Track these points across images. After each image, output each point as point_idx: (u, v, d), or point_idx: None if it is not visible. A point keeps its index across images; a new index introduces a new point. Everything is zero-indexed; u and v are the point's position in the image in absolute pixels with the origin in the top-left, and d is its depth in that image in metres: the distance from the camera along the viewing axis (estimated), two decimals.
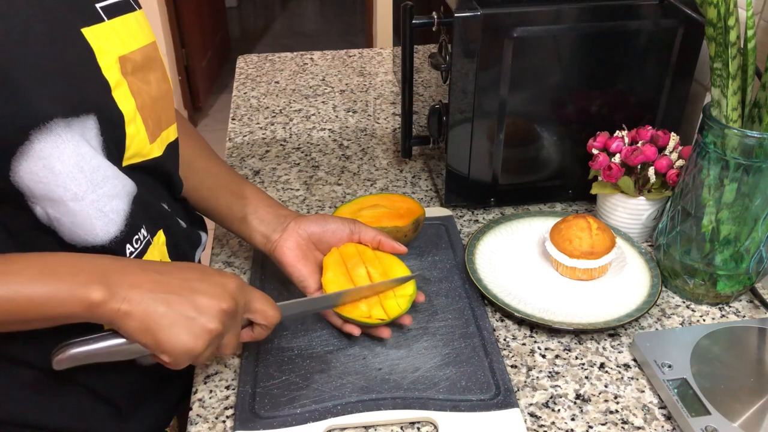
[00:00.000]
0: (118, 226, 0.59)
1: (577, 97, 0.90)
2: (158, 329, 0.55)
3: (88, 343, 0.57)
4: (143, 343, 0.56)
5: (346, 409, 0.66)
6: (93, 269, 0.54)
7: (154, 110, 0.62)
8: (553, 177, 0.97)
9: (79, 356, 0.57)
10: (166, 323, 0.55)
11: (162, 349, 0.56)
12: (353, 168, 1.09)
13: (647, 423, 0.66)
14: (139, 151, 0.61)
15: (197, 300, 0.57)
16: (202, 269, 0.61)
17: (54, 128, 0.53)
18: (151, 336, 0.55)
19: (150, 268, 0.58)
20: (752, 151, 0.70)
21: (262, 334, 0.65)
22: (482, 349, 0.73)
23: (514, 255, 0.87)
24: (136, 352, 0.58)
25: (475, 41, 0.83)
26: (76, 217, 0.56)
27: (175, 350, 0.56)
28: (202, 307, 0.57)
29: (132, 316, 0.54)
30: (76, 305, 0.53)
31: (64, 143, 0.53)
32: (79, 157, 0.55)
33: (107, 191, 0.58)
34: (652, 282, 0.81)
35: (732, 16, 0.67)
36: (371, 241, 0.77)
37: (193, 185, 0.77)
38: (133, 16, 0.61)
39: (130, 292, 0.54)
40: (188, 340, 0.56)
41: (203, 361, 0.59)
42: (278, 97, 1.34)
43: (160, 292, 0.56)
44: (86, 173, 0.55)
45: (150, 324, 0.55)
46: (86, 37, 0.55)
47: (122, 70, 0.58)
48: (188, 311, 0.56)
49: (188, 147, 0.77)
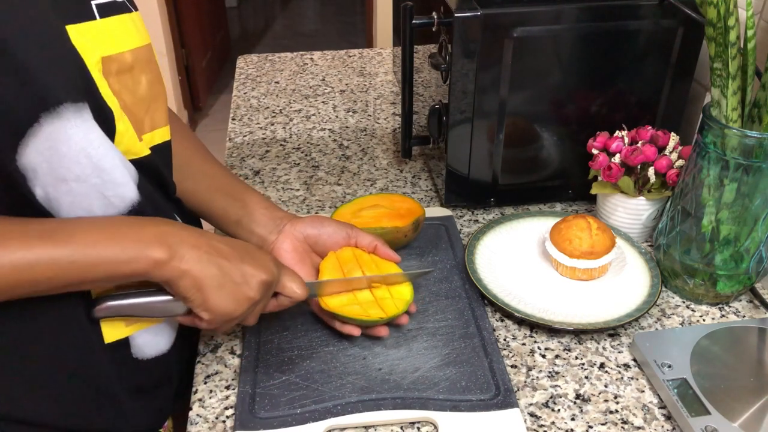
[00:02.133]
0: (119, 211, 0.60)
1: (576, 97, 0.90)
2: (208, 289, 0.60)
3: (125, 298, 0.62)
4: (191, 299, 0.60)
5: (346, 409, 0.66)
6: (154, 230, 0.59)
7: (138, 112, 0.63)
8: (553, 177, 0.97)
9: (115, 308, 0.62)
10: (216, 285, 0.60)
11: (206, 306, 0.61)
12: (353, 168, 1.10)
13: (647, 423, 0.66)
14: (130, 149, 0.62)
15: (244, 268, 0.62)
16: (243, 243, 0.66)
17: (64, 113, 0.53)
18: (201, 294, 0.60)
19: (205, 233, 0.63)
20: (752, 151, 0.70)
21: (285, 304, 0.70)
22: (482, 349, 0.73)
23: (514, 255, 0.87)
24: (167, 311, 0.63)
25: (475, 41, 0.83)
26: (75, 197, 0.57)
27: (217, 310, 0.61)
28: (248, 275, 0.62)
29: (188, 274, 0.59)
30: (141, 264, 0.57)
31: (73, 128, 0.54)
32: (87, 142, 0.55)
33: (114, 178, 0.58)
34: (652, 282, 0.81)
35: (732, 16, 0.67)
36: (368, 246, 0.77)
37: (190, 187, 0.77)
38: (128, 17, 0.61)
39: (189, 251, 0.59)
40: (230, 303, 0.61)
41: (230, 327, 0.65)
42: (278, 97, 1.34)
43: (215, 255, 0.61)
44: (92, 159, 0.56)
45: (202, 283, 0.60)
46: (69, 35, 0.55)
47: (104, 70, 0.58)
48: (236, 277, 0.62)
49: (184, 149, 0.77)
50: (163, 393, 0.73)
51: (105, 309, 0.62)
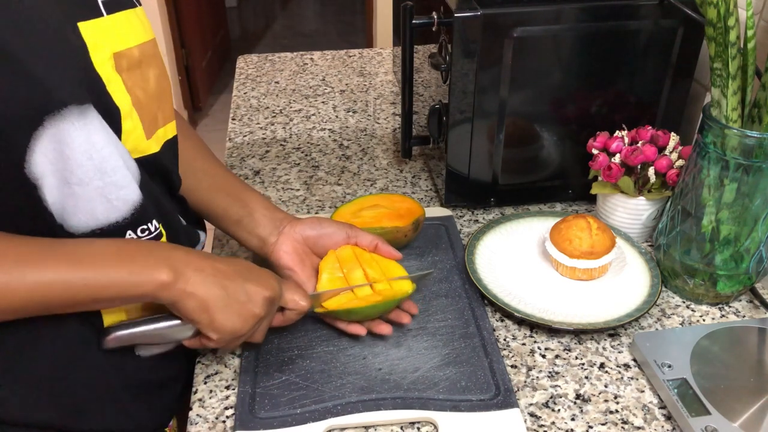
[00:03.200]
0: (122, 214, 0.60)
1: (576, 97, 0.90)
2: (215, 310, 0.61)
3: (134, 326, 0.63)
4: (198, 320, 0.61)
5: (346, 409, 0.66)
6: (160, 254, 0.60)
7: (151, 107, 0.63)
8: (553, 177, 0.97)
9: (124, 337, 0.63)
10: (222, 305, 0.61)
11: (214, 327, 0.62)
12: (353, 168, 1.09)
13: (647, 423, 0.66)
14: (137, 147, 0.62)
15: (247, 287, 0.64)
16: (244, 262, 0.67)
17: (68, 115, 0.53)
18: (207, 315, 0.61)
19: (208, 256, 0.64)
20: (752, 151, 0.70)
21: (292, 319, 0.71)
22: (482, 349, 0.73)
23: (514, 255, 0.87)
24: (174, 336, 0.64)
25: (475, 41, 0.83)
26: (78, 201, 0.57)
27: (225, 329, 0.62)
28: (251, 293, 0.64)
29: (194, 296, 0.60)
30: (148, 286, 0.58)
31: (76, 131, 0.54)
32: (89, 145, 0.55)
33: (116, 180, 0.58)
34: (652, 282, 0.81)
35: (732, 16, 0.67)
36: (368, 245, 0.77)
37: (191, 186, 0.77)
38: (133, 13, 0.61)
39: (194, 274, 0.60)
40: (237, 322, 0.63)
41: (238, 343, 0.66)
42: (278, 97, 1.34)
43: (219, 277, 0.62)
44: (95, 161, 0.56)
45: (208, 304, 0.61)
46: (81, 32, 0.55)
47: (117, 66, 0.58)
48: (240, 296, 0.63)
49: (187, 148, 0.77)
50: (167, 392, 0.73)
51: (114, 339, 0.63)
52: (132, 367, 0.67)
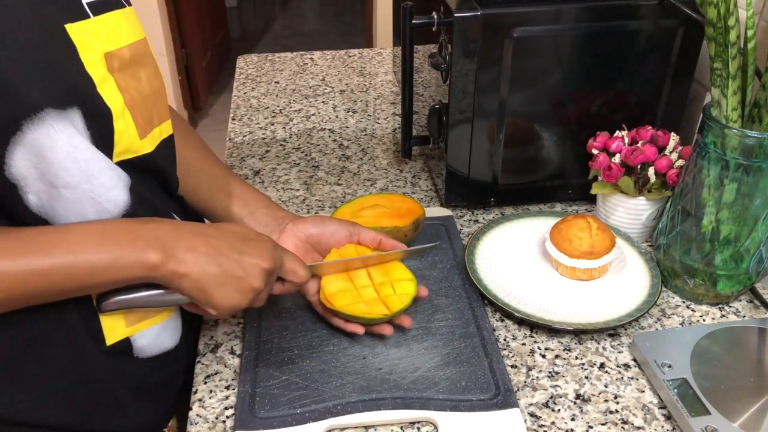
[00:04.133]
0: (112, 215, 0.60)
1: (576, 97, 0.90)
2: (211, 289, 0.61)
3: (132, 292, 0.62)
4: (196, 299, 0.61)
5: (346, 409, 0.66)
6: (148, 234, 0.59)
7: (145, 106, 0.63)
8: (553, 177, 0.97)
9: (123, 301, 0.62)
10: (218, 283, 0.61)
11: (212, 305, 0.62)
12: (353, 168, 1.10)
13: (647, 423, 0.66)
14: (129, 147, 0.61)
15: (244, 260, 0.63)
16: (242, 231, 0.66)
17: (46, 118, 0.53)
18: (204, 294, 0.61)
19: (200, 231, 0.63)
20: (752, 151, 0.70)
21: (292, 289, 0.71)
22: (482, 349, 0.73)
23: (514, 255, 0.87)
24: (175, 302, 0.63)
25: (475, 41, 0.83)
26: (67, 204, 0.57)
27: (223, 306, 0.62)
28: (248, 267, 0.63)
29: (188, 277, 0.60)
30: (137, 269, 0.58)
31: (57, 134, 0.54)
32: (72, 147, 0.55)
33: (104, 182, 0.58)
34: (652, 282, 0.81)
35: (732, 16, 0.67)
36: (371, 242, 0.77)
37: (191, 186, 0.77)
38: (122, 13, 0.61)
39: (186, 254, 0.60)
40: (236, 297, 0.62)
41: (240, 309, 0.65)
42: (278, 97, 1.34)
43: (213, 254, 0.61)
44: (80, 164, 0.56)
45: (204, 284, 0.60)
46: (69, 33, 0.55)
47: (108, 66, 0.58)
48: (237, 271, 0.62)
49: (186, 148, 0.77)
50: (166, 392, 0.73)
51: (113, 303, 0.62)
52: (131, 367, 0.67)
